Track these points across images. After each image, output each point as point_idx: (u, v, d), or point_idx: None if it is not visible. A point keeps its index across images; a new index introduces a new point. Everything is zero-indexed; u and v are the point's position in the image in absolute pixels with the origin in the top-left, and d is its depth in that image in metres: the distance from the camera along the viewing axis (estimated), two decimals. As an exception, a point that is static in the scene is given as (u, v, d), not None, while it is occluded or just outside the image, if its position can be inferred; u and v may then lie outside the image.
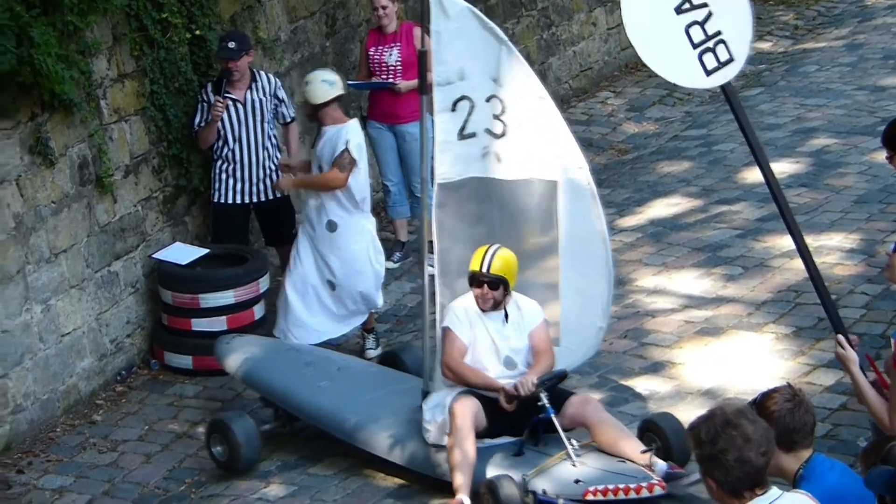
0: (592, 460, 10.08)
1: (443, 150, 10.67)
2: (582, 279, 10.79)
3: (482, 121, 10.60)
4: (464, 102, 10.59)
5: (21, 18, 11.30)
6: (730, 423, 5.87)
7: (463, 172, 10.69)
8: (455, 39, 10.53)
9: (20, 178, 11.75)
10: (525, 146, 10.61)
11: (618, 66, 18.81)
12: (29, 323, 11.83)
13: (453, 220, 10.81)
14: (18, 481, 11.34)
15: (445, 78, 10.54)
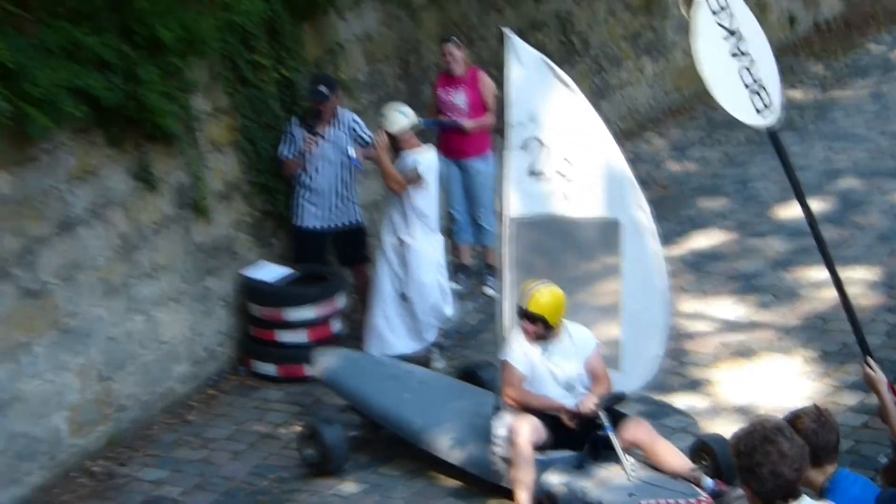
0: (646, 476, 10.05)
1: (513, 186, 10.64)
2: (641, 311, 10.74)
3: (551, 161, 10.58)
4: (534, 143, 10.59)
5: (129, 59, 11.46)
6: (767, 439, 5.89)
7: (532, 209, 10.67)
8: (528, 85, 10.55)
9: (126, 201, 11.89)
10: (590, 186, 10.59)
11: (662, 110, 18.80)
12: (132, 331, 11.95)
13: (522, 253, 10.75)
14: (120, 473, 11.44)
15: (518, 120, 10.54)
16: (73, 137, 11.40)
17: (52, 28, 11.06)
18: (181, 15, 11.91)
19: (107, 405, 11.74)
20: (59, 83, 10.78)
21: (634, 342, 10.81)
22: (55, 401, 11.29)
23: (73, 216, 11.42)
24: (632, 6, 18.49)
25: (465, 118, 13.98)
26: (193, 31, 11.98)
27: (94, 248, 11.61)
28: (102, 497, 11.14)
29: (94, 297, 11.61)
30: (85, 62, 11.14)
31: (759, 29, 9.30)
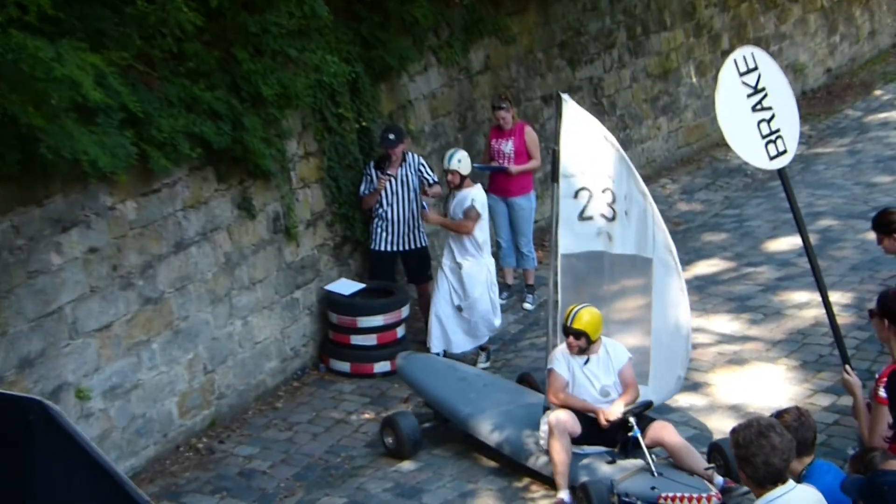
0: (667, 472, 9.98)
1: (565, 228, 10.64)
2: (668, 337, 10.61)
3: (597, 207, 10.51)
4: (584, 192, 10.55)
5: (236, 110, 11.48)
6: (762, 434, 6.06)
7: (581, 247, 10.62)
8: (579, 141, 10.46)
9: (230, 226, 11.91)
10: (629, 229, 10.48)
11: (674, 160, 18.73)
12: (232, 333, 11.97)
13: (572, 282, 10.70)
14: (220, 449, 11.48)
15: (570, 172, 10.50)
16: (189, 174, 11.43)
17: (174, 84, 11.10)
18: (280, 75, 11.91)
19: (209, 393, 11.76)
20: (179, 129, 10.83)
21: (661, 363, 10.68)
22: (168, 388, 11.32)
23: (186, 238, 11.44)
24: (652, 75, 18.42)
25: (511, 163, 13.95)
26: (289, 88, 11.96)
27: (202, 265, 11.62)
28: (204, 468, 11.17)
29: (201, 304, 11.63)
30: (200, 112, 11.17)
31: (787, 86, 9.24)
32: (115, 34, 10.19)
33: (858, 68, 23.02)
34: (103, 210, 10.60)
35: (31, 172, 9.70)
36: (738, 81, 9.07)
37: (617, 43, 17.62)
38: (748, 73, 9.04)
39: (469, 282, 12.60)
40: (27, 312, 9.98)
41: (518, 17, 15.72)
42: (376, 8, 13.43)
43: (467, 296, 12.60)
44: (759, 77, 9.06)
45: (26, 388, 9.91)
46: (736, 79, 9.08)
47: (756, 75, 9.06)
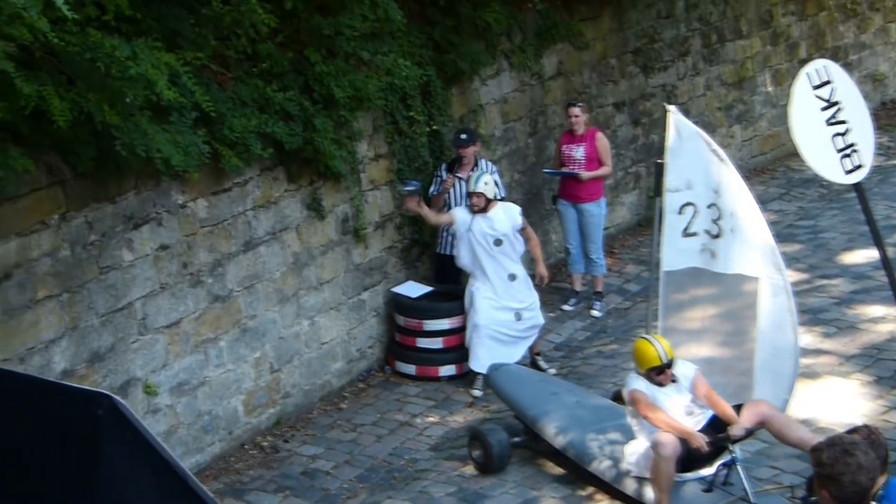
0: (764, 502, 9.60)
1: (669, 244, 10.46)
2: (774, 360, 10.25)
3: (703, 223, 10.29)
4: (689, 208, 10.33)
5: (308, 111, 11.61)
6: (847, 452, 5.89)
7: (684, 263, 10.41)
8: (686, 155, 10.29)
9: (299, 226, 12.04)
10: (735, 247, 10.20)
11: (749, 170, 18.60)
12: (299, 333, 12.10)
13: (675, 298, 10.54)
14: (284, 448, 11.58)
15: (675, 186, 10.29)
16: (260, 173, 11.57)
17: (247, 84, 11.25)
18: (352, 77, 12.02)
19: (275, 392, 11.89)
20: (251, 129, 10.97)
21: (765, 384, 10.33)
22: (234, 386, 11.46)
23: (255, 237, 11.58)
24: (726, 83, 18.36)
25: (583, 169, 13.94)
26: (361, 91, 12.07)
27: (271, 264, 11.76)
28: (268, 467, 11.26)
29: (269, 303, 11.76)
30: (272, 113, 11.31)
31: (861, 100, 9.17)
32: (190, 34, 10.33)
33: (941, 79, 22.84)
34: (175, 208, 10.76)
35: (105, 169, 9.88)
36: (811, 94, 9.05)
37: (691, 50, 17.56)
38: (821, 87, 9.02)
39: (528, 288, 12.70)
40: (98, 307, 10.16)
41: (592, 23, 15.74)
42: (449, 12, 13.49)
43: (528, 300, 12.67)
44: (833, 90, 9.04)
45: (96, 382, 10.11)
46: (809, 92, 9.06)
47: (829, 89, 9.04)
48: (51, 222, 9.74)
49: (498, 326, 12.50)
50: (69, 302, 9.93)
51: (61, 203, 9.81)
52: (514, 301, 12.59)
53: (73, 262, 9.92)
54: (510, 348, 12.56)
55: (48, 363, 9.79)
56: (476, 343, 12.48)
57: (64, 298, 9.89)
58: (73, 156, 9.59)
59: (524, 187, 14.96)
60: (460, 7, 13.50)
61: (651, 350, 9.90)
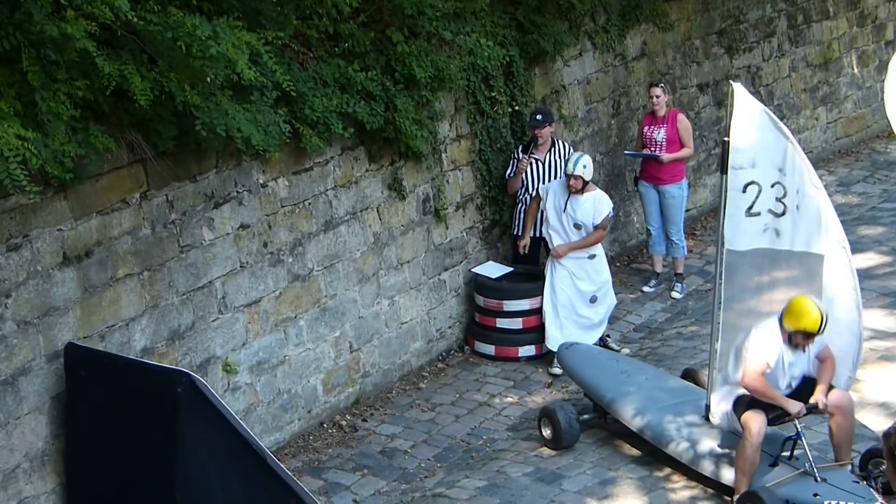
0: (830, 478, 9.45)
1: (732, 223, 9.97)
2: (838, 338, 9.97)
3: (766, 202, 9.86)
4: (753, 186, 9.91)
5: (389, 91, 11.49)
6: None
7: (748, 244, 9.97)
8: (750, 133, 9.93)
9: (380, 206, 11.93)
10: (800, 225, 9.92)
11: (832, 152, 18.35)
12: (378, 312, 11.98)
13: (738, 278, 10.11)
14: (363, 427, 11.51)
15: (739, 164, 9.89)
16: (341, 153, 11.46)
17: (329, 64, 11.15)
18: (434, 57, 11.87)
19: (355, 371, 11.79)
20: (332, 109, 10.87)
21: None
22: (314, 365, 11.37)
23: (336, 217, 11.47)
24: (812, 64, 18.04)
25: (663, 151, 13.73)
26: (443, 71, 11.91)
27: (351, 244, 11.64)
28: (347, 446, 11.21)
29: (349, 282, 11.66)
30: (353, 93, 11.20)
31: None
32: (271, 13, 10.26)
33: None
34: (255, 187, 10.66)
35: (186, 149, 9.83)
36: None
37: (777, 31, 17.31)
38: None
39: (605, 269, 12.58)
40: (178, 286, 10.08)
41: (676, 4, 15.52)
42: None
43: (604, 283, 12.55)
44: None
45: (175, 360, 10.04)
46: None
47: None
48: (132, 201, 9.67)
49: (575, 309, 12.39)
50: (150, 280, 9.86)
51: (142, 182, 9.74)
52: (590, 283, 12.47)
53: (153, 240, 9.85)
54: (586, 332, 12.40)
55: (128, 341, 9.74)
56: (553, 322, 12.37)
57: (144, 277, 9.82)
58: (154, 135, 9.55)
59: (606, 168, 14.76)
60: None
61: (814, 315, 9.44)
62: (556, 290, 12.38)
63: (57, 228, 9.18)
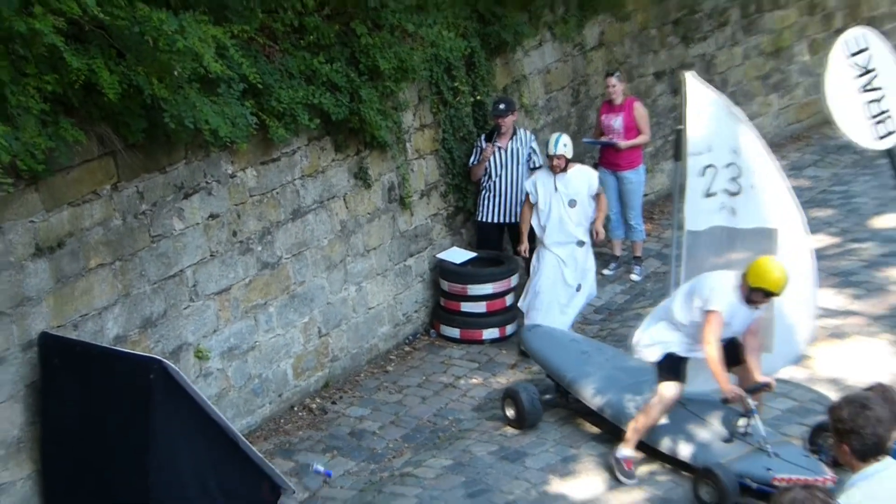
0: (783, 453, 9.48)
1: (692, 205, 10.24)
2: (792, 310, 10.04)
3: (721, 182, 10.12)
4: (710, 170, 10.15)
5: (354, 82, 11.44)
6: (866, 407, 6.10)
7: (705, 223, 10.21)
8: (704, 120, 10.11)
9: (346, 195, 11.87)
10: (755, 202, 10.02)
11: (784, 137, 18.40)
12: (346, 298, 11.94)
13: (696, 257, 10.30)
14: (333, 409, 11.49)
15: (697, 150, 10.08)
16: (307, 144, 11.40)
17: (294, 57, 11.09)
18: (397, 49, 11.83)
19: (323, 356, 11.76)
20: (298, 101, 10.83)
21: (783, 332, 10.16)
22: (284, 350, 11.33)
23: (303, 206, 11.42)
24: (764, 52, 18.07)
25: (621, 139, 13.77)
26: (406, 62, 11.89)
27: (319, 232, 11.60)
28: (317, 428, 11.19)
29: (317, 269, 11.61)
30: (319, 84, 11.15)
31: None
32: (237, 7, 10.21)
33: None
34: (224, 177, 10.59)
35: (155, 141, 9.75)
36: (847, 62, 8.80)
37: (730, 21, 17.34)
38: (858, 54, 8.76)
39: (591, 257, 12.52)
40: (150, 275, 10.01)
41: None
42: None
43: (589, 271, 12.51)
44: (870, 58, 8.76)
45: (148, 347, 9.98)
46: (845, 59, 8.81)
47: (867, 56, 8.78)
48: (102, 192, 9.59)
49: (558, 297, 12.31)
50: (121, 270, 9.79)
51: (112, 173, 9.66)
52: (577, 272, 12.38)
53: (124, 230, 9.78)
54: (563, 317, 12.35)
55: (101, 329, 9.67)
56: (535, 307, 12.31)
57: (116, 266, 9.75)
58: (123, 127, 9.48)
59: (566, 155, 14.70)
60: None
61: (777, 275, 9.35)
62: (542, 277, 12.29)
63: (29, 220, 9.10)
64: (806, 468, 9.32)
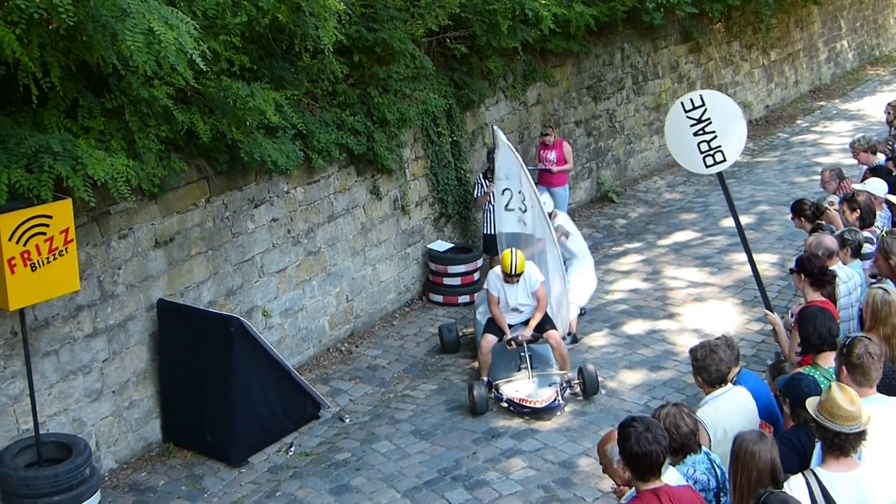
0: (538, 380, 9.78)
1: (499, 214, 10.98)
2: (557, 293, 10.62)
3: (517, 202, 10.71)
4: (507, 192, 10.83)
5: (369, 128, 11.43)
6: (713, 351, 6.27)
7: (510, 228, 10.89)
8: (501, 157, 10.85)
9: (365, 205, 11.81)
10: (533, 218, 10.61)
11: (663, 165, 18.34)
12: (365, 275, 11.88)
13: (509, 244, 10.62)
14: (355, 351, 11.41)
15: (500, 176, 10.86)
16: (338, 170, 11.35)
17: (329, 111, 11.07)
18: (399, 106, 11.79)
19: (349, 314, 11.70)
20: (332, 141, 10.81)
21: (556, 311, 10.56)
22: (322, 311, 11.29)
23: (335, 212, 11.37)
24: (649, 107, 18.03)
25: (554, 166, 13.70)
26: (405, 115, 11.84)
27: (346, 230, 11.54)
28: (345, 363, 11.13)
29: (345, 255, 11.56)
30: (346, 130, 11.11)
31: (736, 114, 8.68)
32: (290, 78, 10.24)
33: (787, 105, 22.49)
34: (282, 193, 10.58)
35: (235, 168, 9.81)
36: (683, 116, 8.70)
37: (626, 86, 17.28)
38: (693, 110, 8.65)
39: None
40: (231, 259, 10.03)
41: (559, 68, 15.47)
42: (464, 62, 13.21)
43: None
44: (705, 111, 8.66)
45: (230, 309, 10.00)
46: (682, 115, 8.71)
47: (702, 110, 8.65)
48: (199, 204, 9.64)
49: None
50: (212, 256, 9.81)
51: (206, 191, 9.70)
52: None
53: (214, 230, 9.80)
54: None
55: (199, 297, 9.71)
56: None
57: (209, 254, 9.77)
58: (213, 160, 9.57)
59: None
60: (472, 58, 13.23)
61: (507, 261, 9.88)
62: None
63: (150, 223, 9.13)
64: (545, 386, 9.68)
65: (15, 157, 7.27)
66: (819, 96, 23.36)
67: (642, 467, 4.95)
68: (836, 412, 5.15)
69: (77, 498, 7.79)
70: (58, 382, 8.49)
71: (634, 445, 4.93)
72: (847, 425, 5.11)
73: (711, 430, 6.11)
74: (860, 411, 5.18)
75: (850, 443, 5.13)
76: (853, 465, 5.16)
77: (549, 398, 9.54)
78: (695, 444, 5.64)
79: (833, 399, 5.19)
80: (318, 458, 9.27)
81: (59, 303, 8.37)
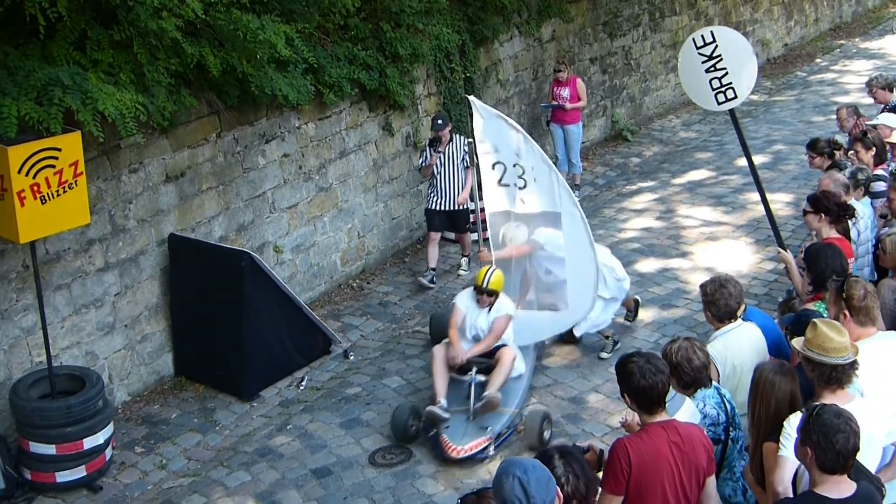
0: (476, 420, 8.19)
1: (489, 192, 9.15)
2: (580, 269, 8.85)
3: (511, 177, 8.98)
4: (499, 165, 9.02)
5: (382, 64, 11.33)
6: (722, 286, 6.30)
7: (502, 206, 9.13)
8: (489, 130, 9.03)
9: (377, 140, 11.75)
10: (536, 193, 8.92)
11: (679, 104, 18.13)
12: (377, 211, 11.86)
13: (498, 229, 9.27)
14: (367, 287, 11.45)
15: (486, 150, 9.08)
16: (350, 106, 11.26)
17: (341, 46, 10.97)
18: (412, 41, 11.67)
19: (361, 251, 11.71)
20: (343, 76, 10.72)
21: (576, 288, 8.90)
22: (334, 247, 11.29)
23: (347, 148, 11.31)
24: (665, 45, 17.77)
25: (567, 103, 13.57)
26: (418, 50, 11.73)
27: (358, 166, 11.50)
28: (356, 300, 11.18)
29: (357, 192, 11.53)
30: (357, 65, 11.01)
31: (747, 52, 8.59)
32: (301, 11, 10.10)
33: (806, 44, 22.12)
34: (293, 129, 10.52)
35: (246, 103, 9.74)
36: (695, 53, 8.60)
37: (642, 23, 17.04)
38: (705, 46, 8.55)
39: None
40: (243, 195, 10.01)
41: (575, 4, 15.23)
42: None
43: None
44: (716, 47, 8.56)
45: (241, 244, 10.01)
46: (693, 51, 8.61)
47: (713, 46, 8.55)
48: (210, 139, 9.60)
49: None
50: (223, 191, 9.80)
51: (217, 126, 9.65)
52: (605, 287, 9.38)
53: (225, 165, 9.78)
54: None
55: (210, 232, 9.71)
56: None
57: (220, 189, 9.76)
58: (224, 95, 9.51)
59: (528, 115, 14.51)
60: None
61: (482, 274, 8.70)
62: None
63: (161, 157, 9.11)
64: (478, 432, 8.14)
65: (24, 89, 7.23)
66: (839, 34, 22.96)
67: (649, 400, 4.96)
68: (827, 345, 5.16)
69: (90, 429, 7.88)
70: (70, 316, 8.54)
71: (640, 379, 4.93)
72: (841, 356, 5.13)
73: (721, 365, 6.12)
74: (848, 342, 5.22)
75: (845, 374, 5.15)
76: (849, 397, 5.16)
77: (471, 448, 7.98)
78: (706, 378, 5.64)
79: (823, 333, 5.19)
80: (328, 392, 9.33)
81: (71, 236, 8.38)
